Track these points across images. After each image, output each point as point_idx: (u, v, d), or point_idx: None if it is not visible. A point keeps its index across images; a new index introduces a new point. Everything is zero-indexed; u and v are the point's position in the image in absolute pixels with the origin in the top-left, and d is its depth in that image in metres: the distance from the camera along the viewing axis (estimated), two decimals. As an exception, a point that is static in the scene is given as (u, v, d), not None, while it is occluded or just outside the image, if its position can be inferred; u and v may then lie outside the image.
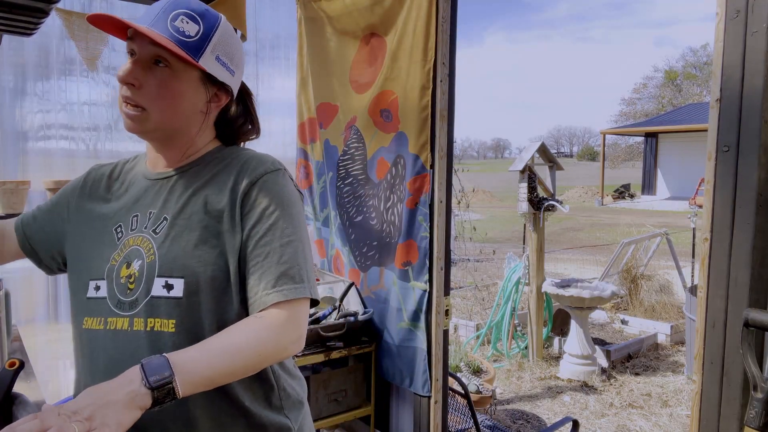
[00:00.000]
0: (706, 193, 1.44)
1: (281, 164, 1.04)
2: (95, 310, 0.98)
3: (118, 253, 1.00)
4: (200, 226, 0.97)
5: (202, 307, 0.94)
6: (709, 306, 1.43)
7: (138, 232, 1.00)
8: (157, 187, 1.04)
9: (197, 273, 0.94)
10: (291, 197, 1.01)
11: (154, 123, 0.99)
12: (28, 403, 0.93)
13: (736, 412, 1.38)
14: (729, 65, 1.37)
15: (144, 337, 0.93)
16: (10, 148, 2.48)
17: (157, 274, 0.94)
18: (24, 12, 1.32)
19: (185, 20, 0.97)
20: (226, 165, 1.04)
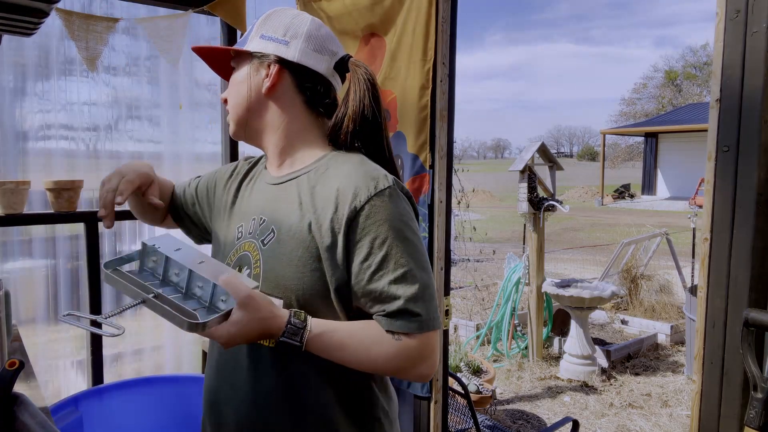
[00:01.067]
0: (706, 193, 1.44)
1: (390, 179, 0.95)
2: None
3: (234, 252, 1.05)
4: (302, 246, 0.94)
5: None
6: (709, 306, 1.43)
7: (251, 238, 1.02)
8: (270, 193, 1.04)
9: (295, 294, 0.94)
10: (403, 218, 0.93)
11: (232, 121, 1.06)
12: (29, 403, 0.93)
13: (736, 412, 1.38)
14: (729, 65, 1.37)
15: (248, 345, 0.97)
16: (10, 148, 2.48)
17: (261, 289, 0.95)
18: (24, 12, 1.32)
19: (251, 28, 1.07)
20: (327, 178, 0.97)
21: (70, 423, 1.74)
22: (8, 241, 2.53)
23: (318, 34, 1.03)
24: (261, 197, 1.05)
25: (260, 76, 1.02)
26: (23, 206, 2.17)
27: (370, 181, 0.93)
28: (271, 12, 1.06)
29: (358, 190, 0.92)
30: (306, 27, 1.02)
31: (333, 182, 0.95)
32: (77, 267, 2.62)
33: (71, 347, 2.69)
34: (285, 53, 1.01)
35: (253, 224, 1.02)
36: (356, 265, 0.91)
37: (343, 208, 0.91)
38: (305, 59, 1.01)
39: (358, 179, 0.93)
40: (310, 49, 1.02)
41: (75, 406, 1.79)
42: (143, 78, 2.75)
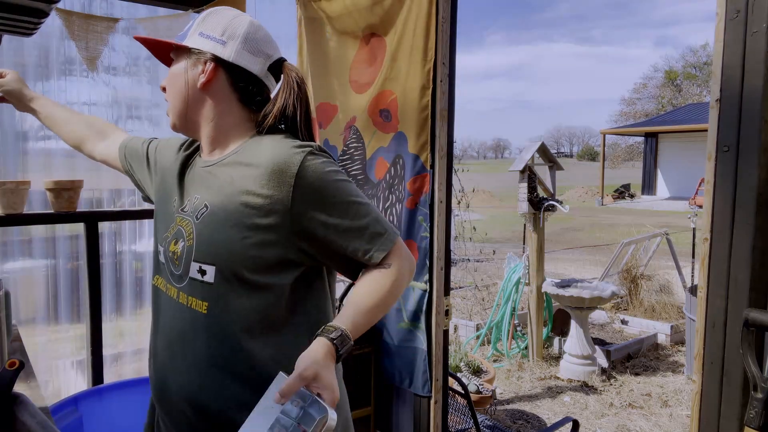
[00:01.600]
0: (706, 193, 1.44)
1: (306, 145, 1.06)
2: (161, 272, 1.14)
3: (172, 227, 1.12)
4: (237, 215, 1.02)
5: (232, 293, 1.01)
6: (709, 306, 1.43)
7: (185, 215, 1.10)
8: (204, 174, 1.12)
9: (228, 262, 1.01)
10: (326, 173, 1.04)
11: (171, 114, 1.14)
12: (29, 403, 0.93)
13: (736, 412, 1.38)
14: (729, 65, 1.37)
15: (185, 311, 1.06)
16: (10, 148, 2.48)
17: (194, 259, 1.04)
18: (24, 12, 1.32)
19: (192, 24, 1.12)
20: (255, 155, 1.06)
21: (70, 423, 1.74)
22: (8, 241, 2.53)
23: (255, 37, 1.10)
24: (195, 179, 1.14)
25: (196, 71, 1.09)
26: (23, 206, 2.17)
27: (294, 149, 1.04)
28: (212, 10, 1.11)
29: (287, 160, 1.02)
30: (244, 29, 1.09)
31: (261, 156, 1.04)
32: (77, 267, 2.62)
33: (71, 347, 2.69)
34: (221, 52, 1.08)
35: (188, 203, 1.11)
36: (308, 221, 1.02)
37: (280, 177, 1.01)
38: (240, 59, 1.09)
39: (279, 151, 1.04)
40: (246, 50, 1.09)
41: (75, 406, 1.79)
42: (143, 78, 2.75)
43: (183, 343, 1.05)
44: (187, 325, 1.05)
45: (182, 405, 1.06)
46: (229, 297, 1.01)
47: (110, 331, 2.66)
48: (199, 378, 1.03)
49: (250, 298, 1.02)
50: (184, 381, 1.05)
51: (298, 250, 1.03)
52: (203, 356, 1.03)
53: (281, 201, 1.00)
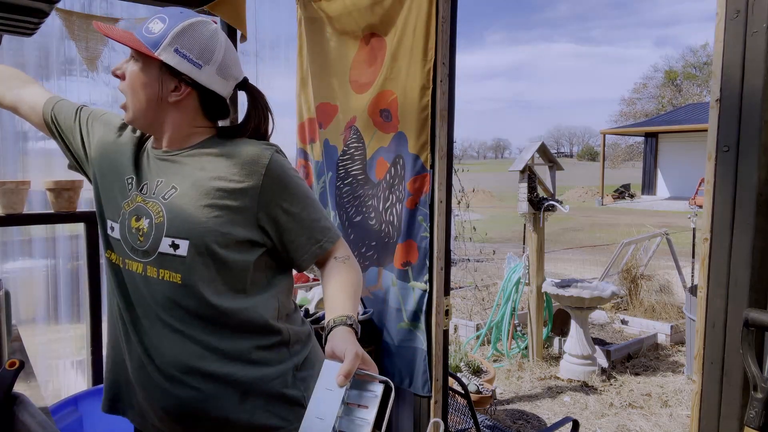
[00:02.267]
0: (706, 193, 1.44)
1: (272, 144, 1.20)
2: (115, 248, 1.19)
3: (128, 203, 1.17)
4: (208, 197, 1.12)
5: (203, 266, 1.11)
6: (709, 306, 1.43)
7: (147, 196, 1.16)
8: (163, 162, 1.19)
9: (201, 237, 1.10)
10: (289, 168, 1.19)
11: (132, 113, 1.16)
12: (29, 403, 0.93)
13: (736, 412, 1.38)
14: (729, 65, 1.37)
15: (156, 283, 1.12)
16: (10, 148, 2.48)
17: (165, 234, 1.11)
18: (24, 12, 1.32)
19: (156, 21, 1.13)
20: (228, 148, 1.17)
21: (70, 423, 1.74)
22: (8, 241, 2.53)
23: (227, 62, 1.17)
24: (153, 166, 1.20)
25: (169, 87, 1.14)
26: (23, 206, 2.17)
27: (265, 146, 1.18)
28: (188, 25, 1.14)
29: (258, 152, 1.15)
30: (220, 54, 1.15)
31: (234, 150, 1.16)
32: (77, 267, 2.62)
33: (71, 347, 2.69)
34: (198, 77, 1.14)
35: (148, 185, 1.17)
36: (272, 212, 1.15)
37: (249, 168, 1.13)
38: (213, 84, 1.16)
39: (253, 145, 1.17)
40: (219, 75, 1.16)
41: (75, 406, 1.79)
42: (143, 78, 2.75)
43: (164, 310, 1.12)
44: (162, 295, 1.12)
45: (169, 368, 1.12)
46: (200, 268, 1.11)
47: (110, 331, 2.65)
48: (185, 338, 1.12)
49: (219, 271, 1.12)
50: (172, 342, 1.12)
51: (261, 232, 1.16)
52: (186, 318, 1.12)
53: (252, 187, 1.13)
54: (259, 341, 1.16)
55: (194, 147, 1.19)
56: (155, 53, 1.11)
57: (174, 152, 1.19)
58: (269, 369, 1.16)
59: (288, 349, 1.21)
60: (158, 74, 1.14)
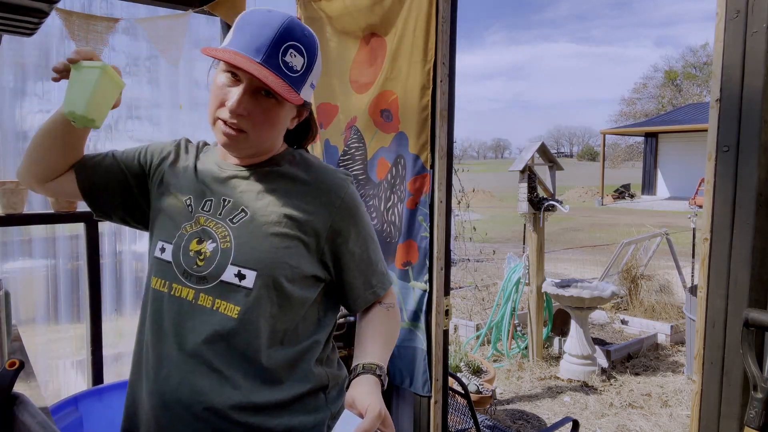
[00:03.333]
0: (706, 193, 1.44)
1: (347, 173, 1.15)
2: (162, 271, 1.07)
3: (191, 225, 1.08)
4: (280, 225, 1.04)
5: (266, 301, 1.02)
6: (709, 306, 1.43)
7: (212, 216, 1.07)
8: (232, 179, 1.10)
9: (271, 268, 1.02)
10: (362, 204, 1.14)
11: (252, 145, 1.05)
12: (29, 404, 0.93)
13: (736, 412, 1.38)
14: (729, 65, 1.37)
15: (207, 313, 1.02)
16: (10, 148, 2.48)
17: (232, 262, 1.02)
18: (24, 12, 1.32)
19: (294, 54, 1.00)
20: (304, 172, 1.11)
21: (70, 423, 1.74)
22: (8, 241, 2.53)
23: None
24: (221, 182, 1.11)
25: (291, 116, 1.08)
26: (23, 206, 2.17)
27: (340, 175, 1.12)
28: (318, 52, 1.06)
29: (335, 183, 1.10)
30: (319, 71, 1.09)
31: (308, 175, 1.10)
32: (77, 267, 2.62)
33: (71, 347, 2.69)
34: (311, 98, 1.10)
35: (214, 204, 1.09)
36: (337, 247, 1.09)
37: (325, 199, 1.07)
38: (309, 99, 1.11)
39: (330, 174, 1.11)
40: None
41: (75, 406, 1.79)
42: (143, 78, 2.75)
43: (208, 345, 1.01)
44: (211, 327, 1.01)
45: (199, 408, 1.02)
46: (264, 304, 1.02)
47: (110, 331, 2.66)
48: (223, 379, 1.02)
49: (283, 308, 1.04)
50: (208, 381, 1.02)
51: (323, 268, 1.09)
52: (230, 357, 1.02)
53: (323, 219, 1.06)
54: (300, 388, 1.07)
55: (267, 163, 1.11)
56: (300, 95, 1.02)
57: (246, 168, 1.10)
58: (306, 417, 1.07)
59: (325, 396, 1.12)
60: (289, 108, 1.06)
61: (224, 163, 1.13)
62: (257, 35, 0.98)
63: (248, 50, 0.97)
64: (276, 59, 0.98)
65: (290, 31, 0.99)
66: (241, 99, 0.99)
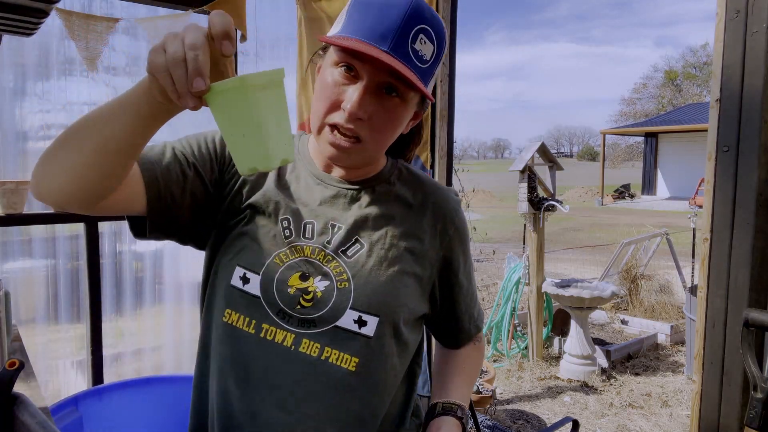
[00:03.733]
0: (706, 193, 1.44)
1: (456, 191, 1.02)
2: (243, 306, 0.86)
3: (286, 254, 0.87)
4: (399, 262, 0.89)
5: (387, 351, 0.88)
6: (709, 306, 1.43)
7: (318, 245, 0.87)
8: (339, 198, 0.91)
9: (392, 314, 0.87)
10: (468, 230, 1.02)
11: (366, 156, 0.86)
12: (29, 403, 0.93)
13: (736, 412, 1.38)
14: (729, 65, 1.37)
15: (312, 364, 0.84)
16: (10, 148, 2.48)
17: (351, 306, 0.85)
18: (24, 12, 1.32)
19: (424, 40, 0.81)
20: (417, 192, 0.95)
21: (70, 423, 1.74)
22: (8, 241, 2.53)
23: None
24: (317, 198, 0.90)
25: (410, 117, 0.89)
26: (23, 206, 2.17)
27: (453, 196, 0.99)
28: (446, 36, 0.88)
29: (449, 206, 0.96)
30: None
31: (419, 195, 0.95)
32: (77, 267, 2.62)
33: (71, 347, 2.69)
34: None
35: (311, 228, 0.88)
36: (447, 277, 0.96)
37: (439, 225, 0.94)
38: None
39: (443, 194, 0.97)
40: None
41: (75, 406, 1.79)
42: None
43: (312, 402, 0.84)
44: (319, 382, 0.84)
45: None
46: (384, 353, 0.87)
47: (110, 331, 2.66)
48: None
49: (400, 355, 0.91)
50: None
51: (431, 303, 0.97)
52: (339, 417, 0.86)
53: (436, 248, 0.93)
54: None
55: (377, 180, 0.93)
56: (426, 88, 0.83)
57: (354, 184, 0.91)
58: None
59: None
60: (411, 107, 0.86)
61: (325, 175, 0.92)
62: (382, 17, 0.78)
63: (372, 36, 0.78)
64: (405, 47, 0.79)
65: (420, 11, 0.80)
66: (362, 99, 0.79)
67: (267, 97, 0.63)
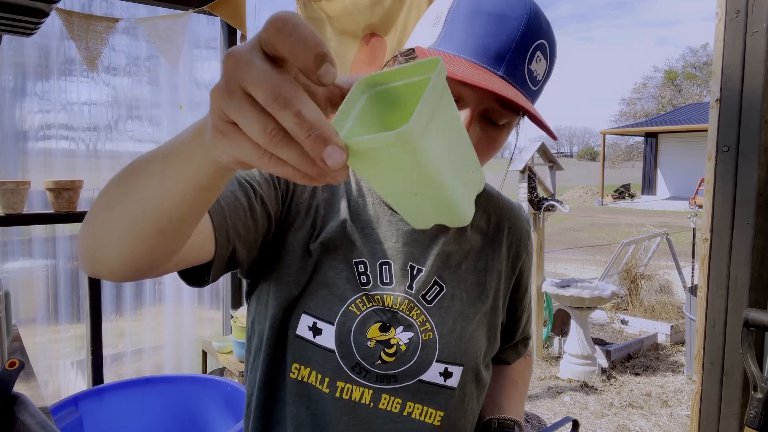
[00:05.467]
0: (706, 193, 1.44)
1: (521, 206, 0.92)
2: (313, 361, 0.74)
3: (362, 301, 0.75)
4: (480, 301, 0.80)
5: (469, 397, 0.80)
6: (709, 306, 1.43)
7: (397, 292, 0.76)
8: (418, 233, 0.79)
9: (475, 359, 0.79)
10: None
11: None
12: (29, 403, 0.93)
13: (736, 412, 1.38)
14: (729, 65, 1.37)
15: (395, 421, 0.75)
16: (10, 148, 2.48)
17: (437, 359, 0.75)
18: (24, 12, 1.32)
19: (540, 58, 0.67)
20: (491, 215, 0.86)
21: (70, 423, 1.74)
22: (8, 241, 2.53)
23: None
24: (389, 232, 0.78)
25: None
26: (23, 206, 2.17)
27: (523, 214, 0.90)
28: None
29: (522, 227, 0.88)
30: None
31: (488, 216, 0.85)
32: (77, 267, 2.62)
33: (71, 347, 2.69)
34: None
35: (387, 270, 0.77)
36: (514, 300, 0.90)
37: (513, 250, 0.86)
38: None
39: (515, 213, 0.88)
40: None
41: (75, 406, 1.79)
42: (143, 78, 2.75)
43: None
44: None
45: None
46: (467, 402, 0.80)
47: (110, 331, 2.66)
48: None
49: (479, 398, 0.83)
50: None
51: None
52: None
53: (509, 277, 0.86)
54: None
55: None
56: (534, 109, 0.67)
57: None
58: None
59: None
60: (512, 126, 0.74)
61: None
62: (496, 31, 0.64)
63: (485, 57, 0.64)
64: (521, 68, 0.65)
65: (538, 22, 0.66)
66: (469, 130, 0.67)
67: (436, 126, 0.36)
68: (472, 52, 0.64)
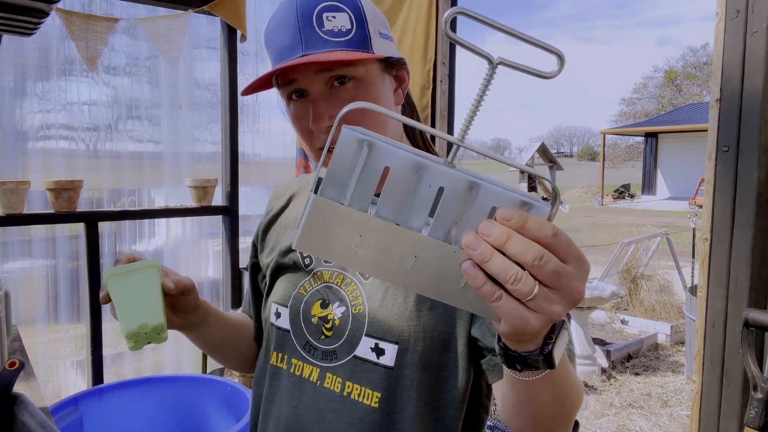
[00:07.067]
0: (706, 193, 1.44)
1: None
2: (278, 343, 0.84)
3: (309, 282, 0.83)
4: None
5: (413, 384, 0.76)
6: (709, 306, 1.43)
7: (338, 268, 0.81)
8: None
9: (415, 339, 0.75)
10: None
11: None
12: (29, 403, 0.93)
13: (736, 412, 1.38)
14: (729, 65, 1.37)
15: (336, 401, 0.77)
16: (10, 148, 2.48)
17: (366, 333, 0.77)
18: (24, 12, 1.32)
19: (330, 17, 0.73)
20: None
21: (70, 423, 1.74)
22: (8, 241, 2.53)
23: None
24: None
25: (388, 86, 0.80)
26: (23, 206, 2.17)
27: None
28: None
29: None
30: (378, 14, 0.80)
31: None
32: (77, 267, 2.62)
33: (71, 347, 2.69)
34: (396, 53, 0.81)
35: None
36: None
37: None
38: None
39: None
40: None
41: (75, 406, 1.79)
42: (143, 78, 2.75)
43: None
44: (344, 421, 0.76)
45: None
46: (408, 388, 0.76)
47: (110, 331, 2.66)
48: None
49: (433, 389, 0.78)
50: None
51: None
52: None
53: None
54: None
55: None
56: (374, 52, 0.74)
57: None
58: None
59: None
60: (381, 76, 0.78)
61: None
62: (281, 31, 0.74)
63: (283, 55, 0.74)
64: (315, 37, 0.72)
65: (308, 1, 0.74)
66: (317, 110, 0.75)
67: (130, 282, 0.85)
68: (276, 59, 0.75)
